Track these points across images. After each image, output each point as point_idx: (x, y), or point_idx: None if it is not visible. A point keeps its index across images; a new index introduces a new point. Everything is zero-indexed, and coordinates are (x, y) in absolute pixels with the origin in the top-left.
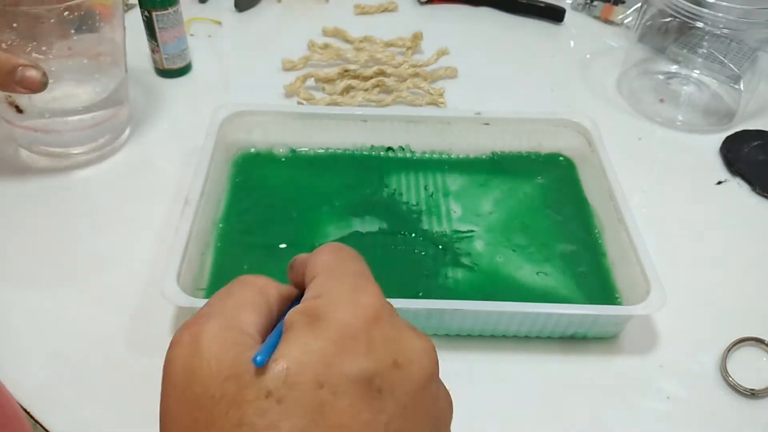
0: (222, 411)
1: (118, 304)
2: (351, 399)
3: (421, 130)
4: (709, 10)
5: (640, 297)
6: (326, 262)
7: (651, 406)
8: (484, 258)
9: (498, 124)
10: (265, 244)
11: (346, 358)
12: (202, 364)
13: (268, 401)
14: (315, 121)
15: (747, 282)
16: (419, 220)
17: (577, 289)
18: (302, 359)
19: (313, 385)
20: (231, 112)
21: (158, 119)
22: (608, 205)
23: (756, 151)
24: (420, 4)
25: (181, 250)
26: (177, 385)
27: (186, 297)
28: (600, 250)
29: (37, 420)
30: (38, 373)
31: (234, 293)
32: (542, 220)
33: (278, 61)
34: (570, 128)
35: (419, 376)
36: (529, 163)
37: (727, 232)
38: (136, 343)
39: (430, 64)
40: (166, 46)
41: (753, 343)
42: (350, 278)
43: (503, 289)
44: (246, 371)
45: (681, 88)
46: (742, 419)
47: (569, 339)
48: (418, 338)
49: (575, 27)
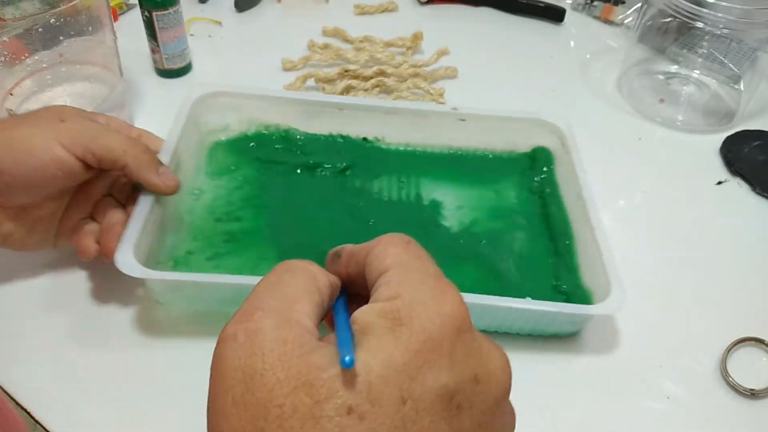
0: (296, 425)
1: (115, 301)
2: (432, 416)
3: (397, 122)
4: (709, 10)
5: (602, 297)
6: (399, 257)
7: (651, 406)
8: (452, 252)
9: (474, 120)
10: (235, 226)
11: (429, 372)
12: (265, 367)
13: (350, 418)
14: (292, 106)
15: (747, 282)
16: (389, 210)
17: (545, 287)
18: (386, 372)
19: (397, 400)
20: (204, 93)
21: (158, 120)
22: (577, 204)
23: (756, 151)
24: (420, 4)
25: (141, 222)
26: (234, 387)
27: (141, 268)
28: (569, 250)
29: (37, 420)
30: (38, 373)
31: (286, 282)
32: (513, 217)
33: (278, 61)
34: (545, 128)
35: (496, 392)
36: (502, 161)
37: (726, 232)
38: (137, 344)
39: (430, 64)
40: (166, 46)
41: (753, 343)
42: (431, 280)
43: (469, 284)
44: (319, 380)
45: (681, 88)
46: (742, 419)
47: (554, 338)
48: (497, 351)
49: (575, 27)
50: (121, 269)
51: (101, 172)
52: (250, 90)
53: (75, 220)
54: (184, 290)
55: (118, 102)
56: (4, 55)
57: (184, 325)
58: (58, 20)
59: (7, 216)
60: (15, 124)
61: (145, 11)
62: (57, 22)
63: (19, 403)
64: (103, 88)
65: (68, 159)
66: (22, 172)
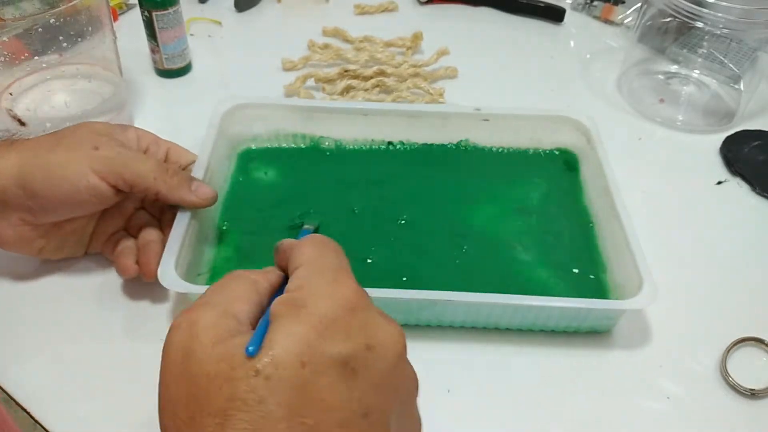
0: (216, 386)
1: (116, 301)
2: (329, 378)
3: (421, 125)
4: (709, 10)
5: (633, 292)
6: (309, 255)
7: (650, 406)
8: (480, 250)
9: (497, 120)
10: (264, 235)
11: (325, 342)
12: (198, 346)
13: (257, 378)
14: (317, 114)
15: (747, 282)
16: (418, 210)
17: (572, 284)
18: (286, 343)
19: (297, 365)
20: (233, 105)
21: (159, 120)
22: (604, 201)
23: (756, 151)
24: (420, 4)
25: (180, 238)
26: (175, 364)
27: (183, 283)
28: (595, 246)
29: (37, 420)
30: (38, 373)
31: (228, 285)
32: (539, 215)
33: (278, 61)
34: (569, 125)
35: (389, 357)
36: (527, 159)
37: (726, 232)
38: (136, 343)
39: (430, 64)
40: (166, 46)
41: (753, 343)
42: (330, 272)
43: (498, 281)
44: (238, 354)
45: (681, 88)
46: (742, 419)
47: (562, 334)
48: (388, 324)
49: (575, 27)
50: (166, 286)
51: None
52: (276, 100)
53: (108, 233)
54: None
55: (118, 102)
56: (4, 55)
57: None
58: (58, 20)
59: (38, 233)
60: (51, 146)
61: (145, 11)
62: (57, 22)
63: (19, 403)
64: (103, 88)
65: (101, 186)
66: (57, 195)
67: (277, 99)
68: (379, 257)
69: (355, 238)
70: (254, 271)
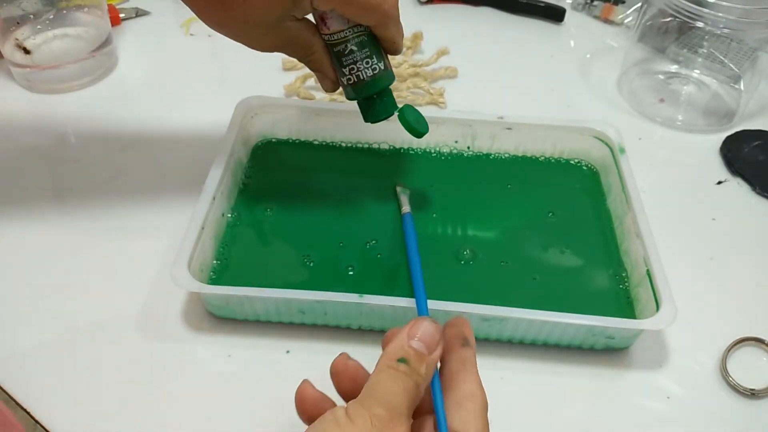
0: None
1: (119, 302)
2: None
3: (442, 131)
4: (709, 10)
5: (651, 310)
6: (479, 417)
7: (651, 406)
8: (495, 261)
9: (521, 129)
10: (277, 237)
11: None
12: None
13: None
14: (334, 116)
15: (747, 282)
16: (434, 217)
17: (589, 298)
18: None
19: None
20: (252, 104)
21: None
22: (627, 216)
23: (756, 151)
24: (420, 4)
25: (193, 238)
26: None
27: (196, 282)
28: (616, 261)
29: (37, 420)
30: (38, 373)
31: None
32: (559, 227)
33: (278, 61)
34: (593, 136)
35: None
36: (549, 169)
37: (727, 232)
38: (142, 342)
39: (430, 64)
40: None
41: (753, 343)
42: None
43: (513, 294)
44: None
45: (681, 88)
46: (742, 419)
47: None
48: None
49: (575, 27)
50: (178, 285)
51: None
52: (295, 102)
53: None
54: (239, 303)
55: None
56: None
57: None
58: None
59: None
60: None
61: None
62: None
63: (19, 403)
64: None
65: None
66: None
67: (295, 100)
68: (389, 262)
69: (369, 241)
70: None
